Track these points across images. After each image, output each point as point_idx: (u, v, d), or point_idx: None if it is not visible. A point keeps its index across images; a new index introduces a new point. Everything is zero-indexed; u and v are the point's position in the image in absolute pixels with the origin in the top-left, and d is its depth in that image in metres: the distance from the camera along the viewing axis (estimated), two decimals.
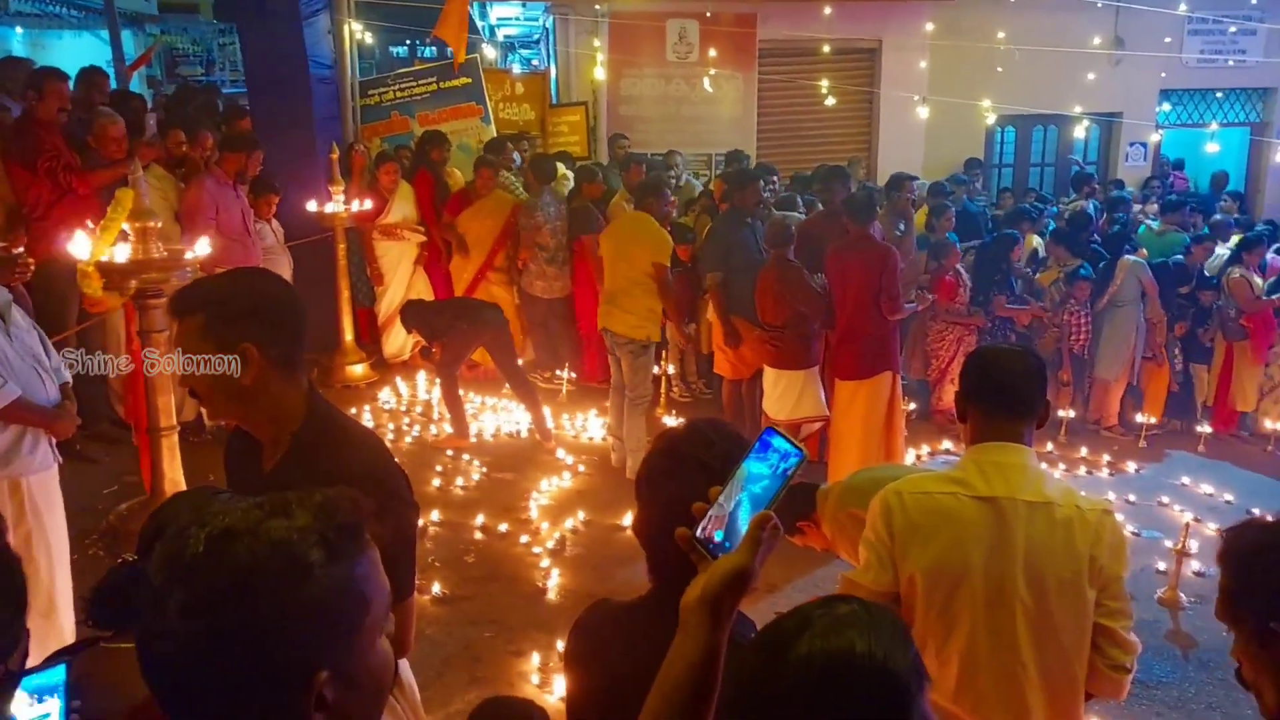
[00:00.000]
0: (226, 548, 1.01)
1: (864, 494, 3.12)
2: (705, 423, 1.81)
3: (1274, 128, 11.52)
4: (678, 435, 1.78)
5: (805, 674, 1.17)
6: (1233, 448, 7.56)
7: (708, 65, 9.81)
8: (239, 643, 0.99)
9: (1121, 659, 2.27)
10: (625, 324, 6.20)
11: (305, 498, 1.09)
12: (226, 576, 1.00)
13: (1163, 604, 5.12)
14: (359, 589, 1.08)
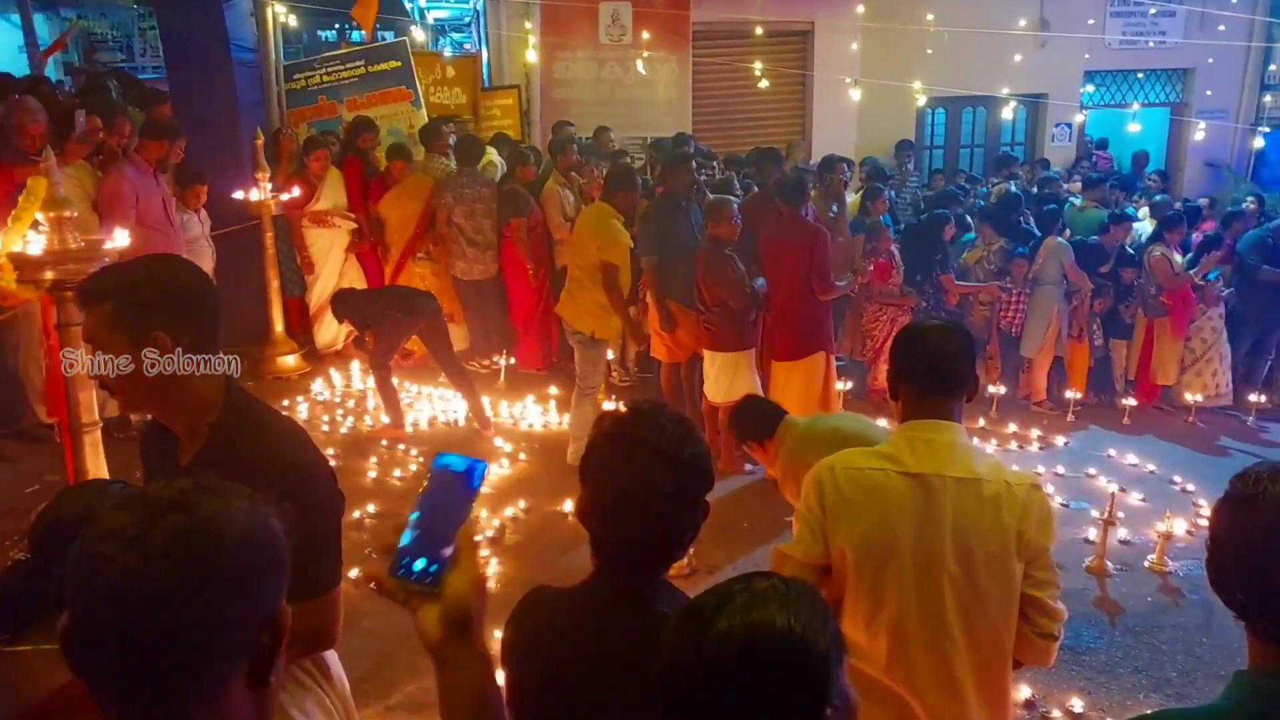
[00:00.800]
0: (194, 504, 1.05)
1: (821, 445, 3.16)
2: (650, 405, 1.81)
3: (1193, 107, 11.84)
4: (626, 419, 1.76)
5: (725, 649, 1.18)
6: (1155, 420, 7.81)
7: (642, 48, 9.76)
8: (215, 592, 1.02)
9: (1049, 627, 2.33)
10: (575, 314, 6.19)
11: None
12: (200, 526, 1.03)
13: (1090, 572, 5.27)
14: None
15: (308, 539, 1.77)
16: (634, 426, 1.71)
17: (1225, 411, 7.98)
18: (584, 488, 1.74)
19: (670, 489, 1.65)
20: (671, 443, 1.67)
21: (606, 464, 1.70)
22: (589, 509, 1.72)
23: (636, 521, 1.66)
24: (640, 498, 1.65)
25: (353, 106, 9.18)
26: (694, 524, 1.72)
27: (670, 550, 1.73)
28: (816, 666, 1.19)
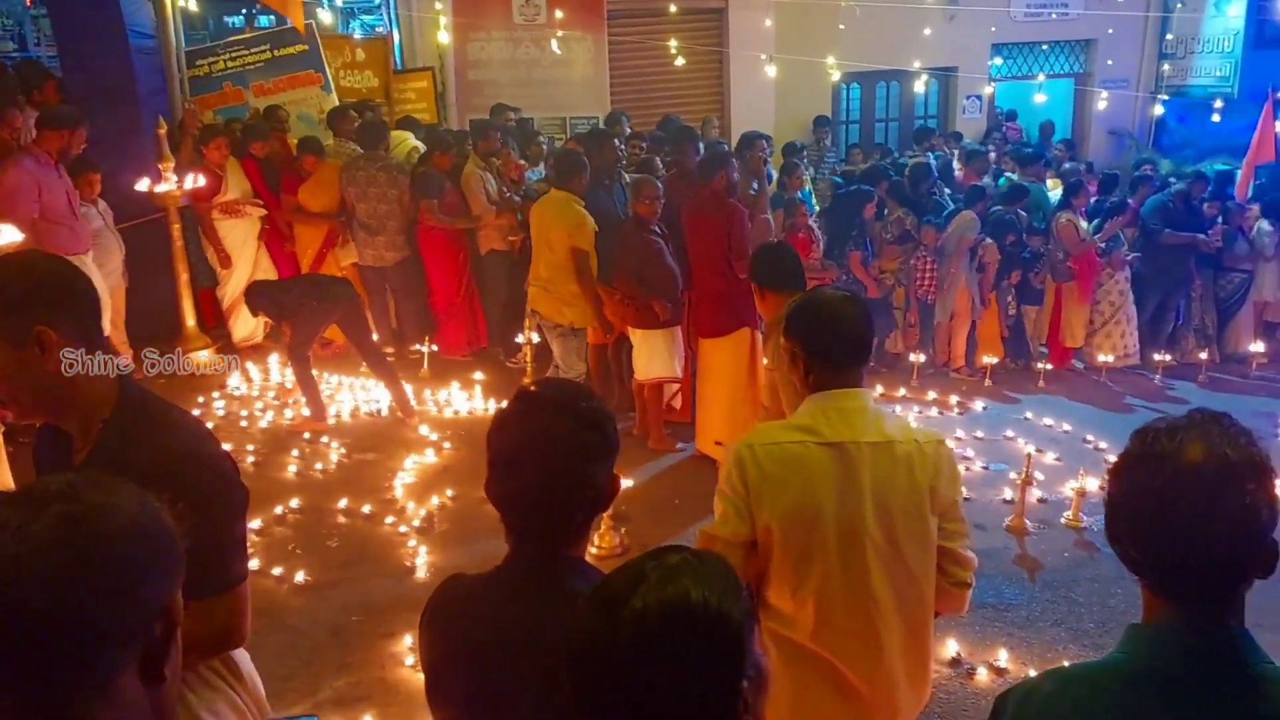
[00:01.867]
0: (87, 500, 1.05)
1: None
2: (561, 382, 1.81)
3: (1095, 77, 12.18)
4: (528, 385, 1.76)
5: (643, 626, 1.17)
6: (1068, 382, 8.06)
7: (556, 27, 9.67)
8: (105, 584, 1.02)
9: (963, 575, 2.41)
10: (552, 307, 6.15)
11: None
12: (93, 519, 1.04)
13: (1010, 531, 5.42)
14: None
15: (208, 534, 1.72)
16: (533, 387, 1.75)
17: (1134, 371, 8.27)
18: (488, 458, 1.72)
19: (566, 437, 1.65)
20: (568, 396, 1.70)
21: (505, 423, 1.71)
22: (491, 475, 1.71)
23: (534, 471, 1.65)
24: (537, 446, 1.65)
25: (259, 92, 8.91)
26: (597, 486, 1.70)
27: (575, 514, 1.71)
28: (732, 638, 1.19)
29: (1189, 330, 8.59)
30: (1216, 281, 8.61)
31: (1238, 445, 1.36)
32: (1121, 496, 1.42)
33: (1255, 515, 1.34)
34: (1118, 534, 1.44)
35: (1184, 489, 1.34)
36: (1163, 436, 1.39)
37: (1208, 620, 1.37)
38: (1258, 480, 1.34)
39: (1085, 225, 8.07)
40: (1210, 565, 1.35)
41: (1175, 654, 1.37)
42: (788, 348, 2.44)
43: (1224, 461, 1.34)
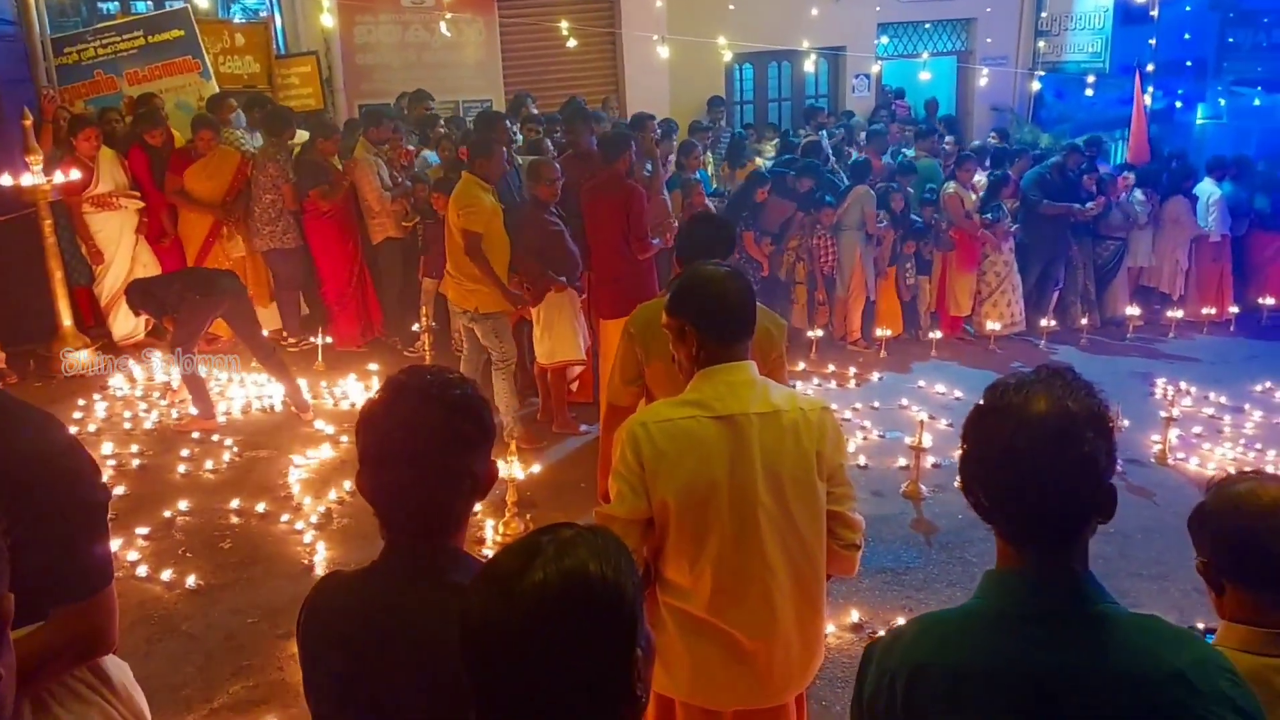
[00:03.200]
0: None
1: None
2: (432, 369, 1.76)
3: (976, 55, 12.55)
4: (396, 374, 1.71)
5: (543, 599, 1.17)
6: (959, 349, 8.33)
7: (446, 9, 9.46)
8: None
9: (852, 538, 2.46)
10: (458, 293, 5.97)
11: None
12: None
13: (906, 497, 5.57)
14: None
15: (60, 539, 1.63)
16: (401, 376, 1.70)
17: (1020, 337, 8.60)
18: (359, 452, 1.68)
19: (438, 426, 1.61)
20: (437, 385, 1.66)
21: (374, 415, 1.66)
22: (363, 469, 1.66)
23: (406, 463, 1.61)
24: (409, 437, 1.61)
25: (133, 80, 8.50)
26: (474, 474, 1.67)
27: (453, 505, 1.68)
28: (628, 610, 1.20)
29: (1073, 297, 8.96)
30: (1094, 249, 9.00)
31: (1079, 398, 1.42)
32: (973, 448, 1.48)
33: (1094, 463, 1.40)
34: (970, 484, 1.50)
35: (1029, 439, 1.40)
36: (1011, 390, 1.45)
37: (1054, 564, 1.43)
38: (1097, 430, 1.41)
39: (973, 197, 8.33)
40: (1054, 511, 1.42)
41: (1025, 597, 1.43)
42: (675, 325, 2.44)
43: (1066, 412, 1.41)
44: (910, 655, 1.47)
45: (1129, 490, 5.65)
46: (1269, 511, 1.77)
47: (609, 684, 1.19)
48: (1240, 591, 1.79)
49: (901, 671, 1.46)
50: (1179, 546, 4.81)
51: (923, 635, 1.50)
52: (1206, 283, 9.20)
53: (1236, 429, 6.61)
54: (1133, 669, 1.34)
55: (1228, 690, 1.32)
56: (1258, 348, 8.48)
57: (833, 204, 7.94)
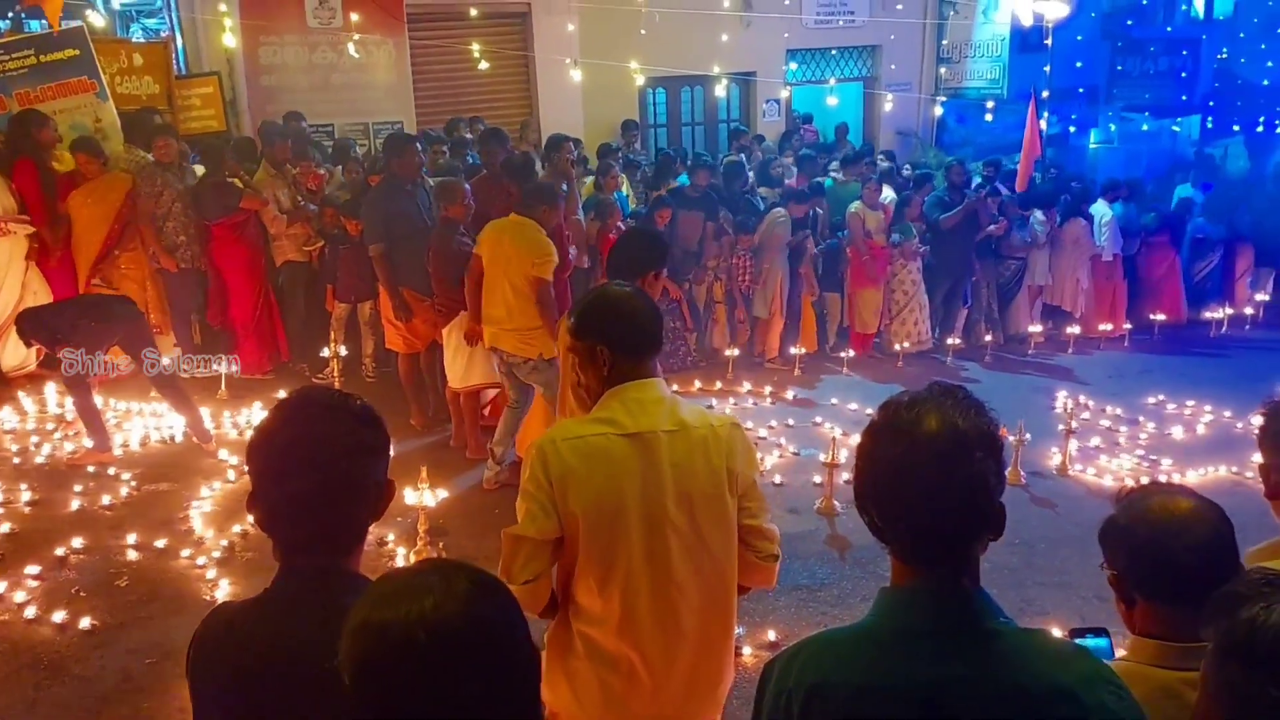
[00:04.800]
0: None
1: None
2: (325, 386, 1.71)
3: (882, 81, 12.92)
4: (309, 397, 1.69)
5: (445, 639, 1.17)
6: (870, 367, 8.50)
7: (353, 30, 9.33)
8: None
9: (770, 549, 2.47)
10: (519, 343, 5.49)
11: None
12: None
13: (821, 513, 5.64)
14: None
15: None
16: (295, 394, 1.68)
17: (929, 355, 8.82)
18: (252, 471, 1.63)
19: (342, 434, 1.58)
20: (336, 396, 1.64)
21: (271, 430, 1.62)
22: (258, 488, 1.61)
23: (309, 474, 1.56)
24: (311, 447, 1.57)
25: (24, 101, 8.13)
26: (378, 484, 1.64)
27: (357, 516, 1.63)
28: (526, 656, 1.22)
29: (978, 315, 9.23)
30: (997, 269, 9.29)
31: (968, 416, 1.44)
32: (865, 467, 1.49)
33: (984, 481, 1.42)
34: (864, 503, 1.50)
35: (920, 458, 1.41)
36: (902, 409, 1.46)
37: (946, 582, 1.44)
38: (986, 448, 1.43)
39: (879, 216, 8.54)
40: (945, 529, 1.43)
41: (918, 614, 1.44)
42: (584, 347, 2.40)
43: (955, 431, 1.42)
44: (807, 674, 1.47)
45: (1032, 501, 5.82)
46: (1181, 525, 1.76)
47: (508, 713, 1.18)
48: (1151, 605, 1.78)
49: (798, 690, 1.45)
50: (1080, 555, 5.00)
51: (819, 654, 1.50)
52: (1102, 300, 9.58)
53: (1132, 440, 6.87)
54: (1022, 684, 1.36)
55: (1112, 705, 1.35)
56: (1151, 362, 8.85)
57: (749, 229, 8.07)
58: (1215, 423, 7.12)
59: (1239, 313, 10.03)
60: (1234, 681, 1.20)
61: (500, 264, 5.44)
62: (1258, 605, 1.16)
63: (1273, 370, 7.48)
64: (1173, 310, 9.80)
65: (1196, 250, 10.05)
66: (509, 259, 5.42)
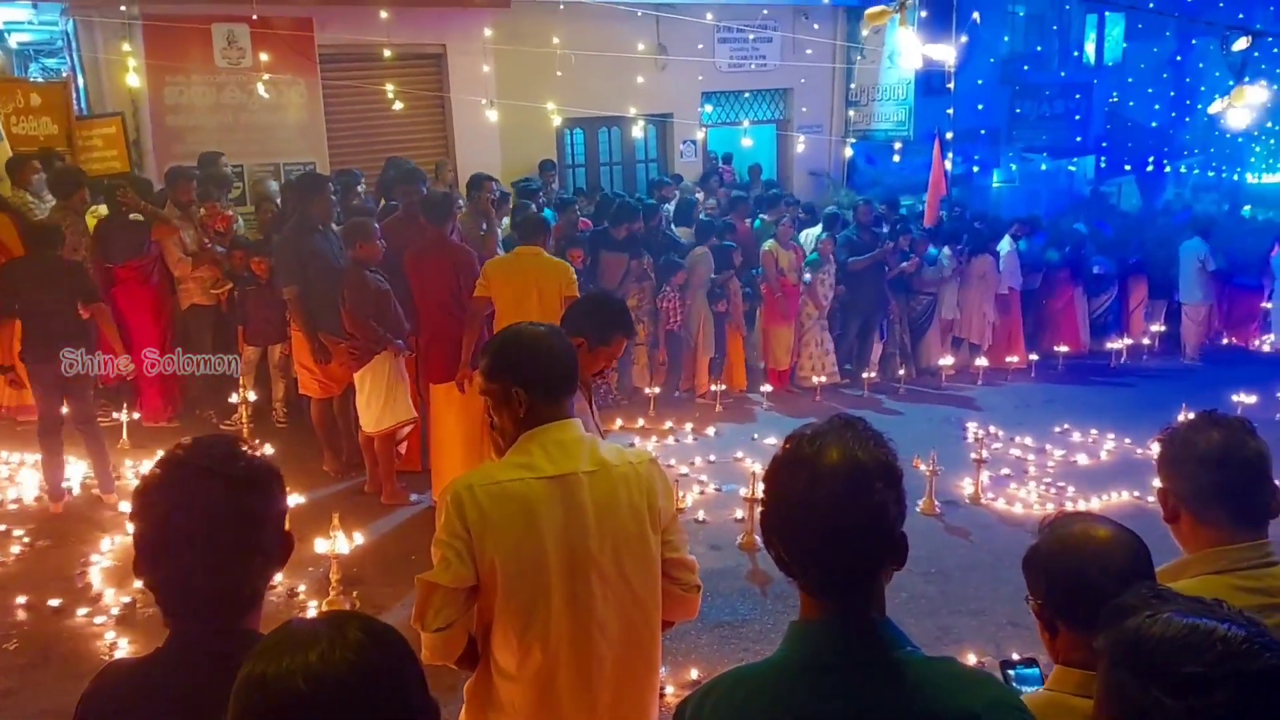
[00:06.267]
0: None
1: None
2: (212, 441, 1.64)
3: (794, 123, 13.24)
4: (174, 449, 1.58)
5: (320, 689, 1.12)
6: (788, 402, 8.61)
7: (263, 70, 9.18)
8: None
9: (693, 579, 2.46)
10: None
11: None
12: None
13: (742, 549, 5.65)
14: None
15: None
16: (178, 451, 1.57)
17: (845, 388, 8.97)
18: (134, 538, 1.54)
19: (218, 506, 1.50)
20: (218, 457, 1.54)
21: (149, 498, 1.53)
22: (140, 557, 1.52)
23: (189, 551, 1.48)
24: (187, 521, 1.49)
25: None
26: (265, 551, 1.57)
27: (243, 587, 1.56)
28: (414, 702, 1.18)
29: (892, 349, 9.45)
30: (908, 304, 9.54)
31: (868, 448, 1.45)
32: (771, 501, 1.49)
33: (885, 512, 1.43)
34: (770, 538, 1.50)
35: (822, 491, 1.42)
36: (805, 443, 1.47)
37: (852, 614, 1.45)
38: (886, 480, 1.44)
39: (791, 255, 8.70)
40: (848, 561, 1.43)
41: (824, 647, 1.44)
42: (499, 389, 2.35)
43: (856, 463, 1.43)
44: (719, 711, 1.46)
45: (947, 530, 5.93)
46: (1100, 553, 1.78)
47: None
48: (1073, 633, 1.77)
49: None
50: (993, 582, 5.11)
51: (731, 690, 1.49)
52: (1006, 333, 9.90)
53: (1040, 468, 7.08)
54: (931, 712, 1.37)
55: None
56: (1056, 391, 9.16)
57: (681, 264, 8.17)
58: (1117, 449, 7.38)
59: (1136, 343, 10.47)
60: (1123, 689, 1.22)
61: (529, 296, 5.60)
62: (1144, 614, 1.18)
63: (1170, 397, 7.79)
64: (1074, 342, 10.19)
65: (1095, 285, 10.48)
66: (540, 288, 5.62)
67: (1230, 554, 1.99)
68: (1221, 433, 2.04)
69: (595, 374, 3.45)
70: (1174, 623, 1.14)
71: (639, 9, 10.86)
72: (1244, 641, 1.09)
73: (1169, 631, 1.13)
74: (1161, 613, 1.17)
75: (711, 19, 11.56)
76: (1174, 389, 8.77)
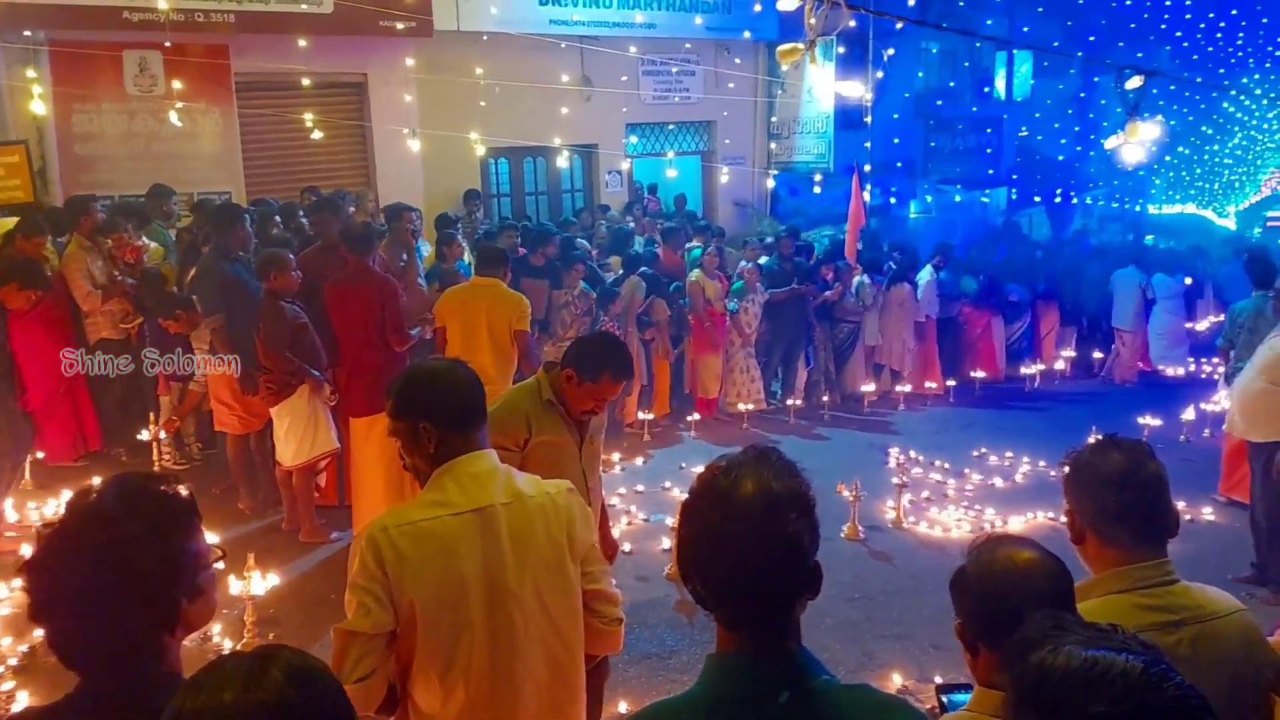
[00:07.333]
0: None
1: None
2: (123, 480, 1.58)
3: (718, 154, 13.45)
4: (98, 505, 1.52)
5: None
6: (716, 430, 8.65)
7: (176, 98, 8.97)
8: None
9: (614, 611, 2.45)
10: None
11: None
12: None
13: (670, 579, 5.63)
14: None
15: None
16: (79, 500, 1.52)
17: (772, 415, 9.07)
18: (28, 591, 1.48)
19: (117, 564, 1.45)
20: (126, 502, 1.51)
21: (44, 552, 1.48)
22: (36, 611, 1.45)
23: (74, 612, 1.43)
24: (75, 579, 1.44)
25: None
26: (172, 603, 1.52)
27: (144, 639, 1.49)
28: None
29: (817, 376, 9.58)
30: (832, 332, 9.70)
31: (782, 479, 1.46)
32: (686, 534, 1.48)
33: (799, 542, 1.44)
34: (687, 571, 1.49)
35: (737, 523, 1.42)
36: (719, 475, 1.47)
37: (768, 645, 1.45)
38: (799, 509, 1.45)
39: (717, 286, 8.79)
40: (763, 593, 1.44)
41: (741, 679, 1.44)
42: (405, 428, 2.31)
43: (770, 493, 1.44)
44: None
45: (870, 555, 6.00)
46: (1021, 576, 1.80)
47: None
48: (993, 655, 1.79)
49: None
50: (915, 606, 5.18)
51: None
52: (926, 359, 10.14)
53: (959, 492, 7.23)
54: None
55: None
56: (974, 416, 9.39)
57: (617, 292, 8.18)
58: (1032, 471, 7.58)
59: (1049, 368, 10.81)
60: None
61: (479, 327, 5.79)
62: (1046, 649, 1.19)
63: (1081, 420, 8.05)
64: (991, 368, 10.48)
65: (1011, 312, 10.81)
66: (489, 320, 5.79)
67: (1133, 573, 2.04)
68: (1123, 455, 2.11)
69: (583, 412, 3.46)
70: (1075, 657, 1.15)
71: (562, 40, 10.94)
72: (1143, 674, 1.10)
73: (1072, 665, 1.15)
74: (1063, 645, 1.18)
75: (635, 52, 11.69)
76: (1085, 412, 9.07)
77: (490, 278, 6.00)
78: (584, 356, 3.43)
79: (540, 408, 3.43)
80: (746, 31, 12.74)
